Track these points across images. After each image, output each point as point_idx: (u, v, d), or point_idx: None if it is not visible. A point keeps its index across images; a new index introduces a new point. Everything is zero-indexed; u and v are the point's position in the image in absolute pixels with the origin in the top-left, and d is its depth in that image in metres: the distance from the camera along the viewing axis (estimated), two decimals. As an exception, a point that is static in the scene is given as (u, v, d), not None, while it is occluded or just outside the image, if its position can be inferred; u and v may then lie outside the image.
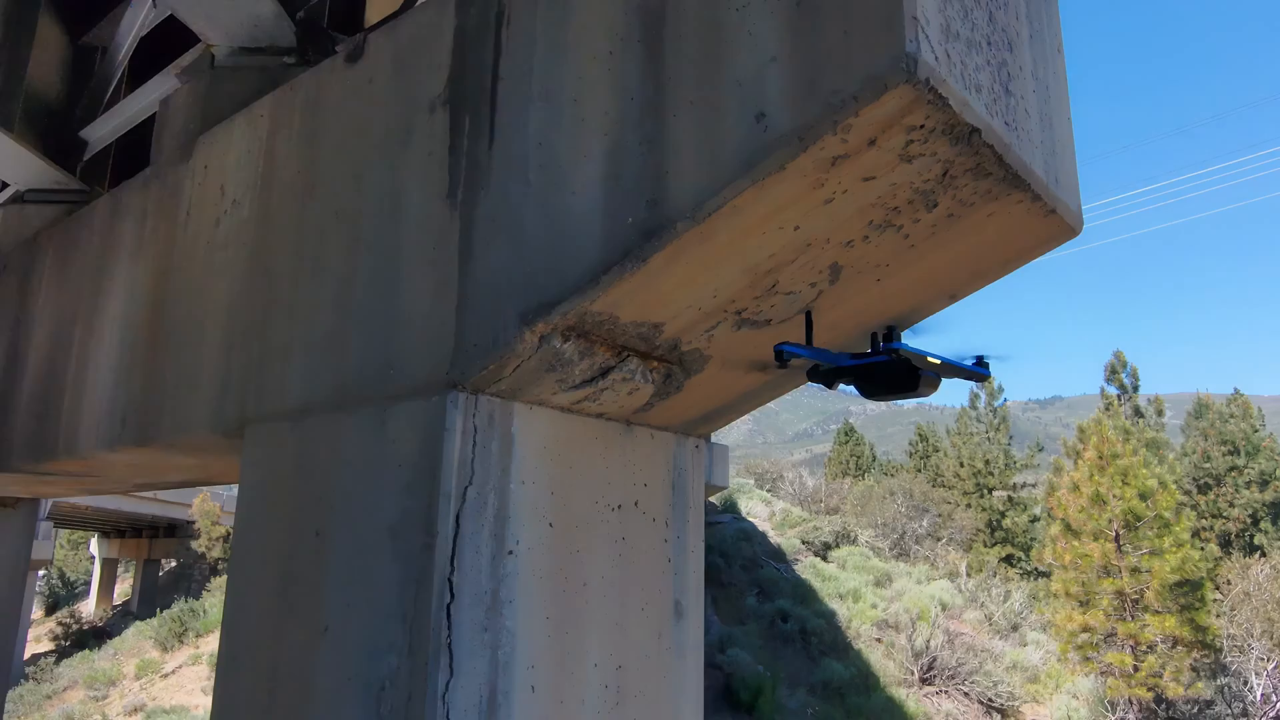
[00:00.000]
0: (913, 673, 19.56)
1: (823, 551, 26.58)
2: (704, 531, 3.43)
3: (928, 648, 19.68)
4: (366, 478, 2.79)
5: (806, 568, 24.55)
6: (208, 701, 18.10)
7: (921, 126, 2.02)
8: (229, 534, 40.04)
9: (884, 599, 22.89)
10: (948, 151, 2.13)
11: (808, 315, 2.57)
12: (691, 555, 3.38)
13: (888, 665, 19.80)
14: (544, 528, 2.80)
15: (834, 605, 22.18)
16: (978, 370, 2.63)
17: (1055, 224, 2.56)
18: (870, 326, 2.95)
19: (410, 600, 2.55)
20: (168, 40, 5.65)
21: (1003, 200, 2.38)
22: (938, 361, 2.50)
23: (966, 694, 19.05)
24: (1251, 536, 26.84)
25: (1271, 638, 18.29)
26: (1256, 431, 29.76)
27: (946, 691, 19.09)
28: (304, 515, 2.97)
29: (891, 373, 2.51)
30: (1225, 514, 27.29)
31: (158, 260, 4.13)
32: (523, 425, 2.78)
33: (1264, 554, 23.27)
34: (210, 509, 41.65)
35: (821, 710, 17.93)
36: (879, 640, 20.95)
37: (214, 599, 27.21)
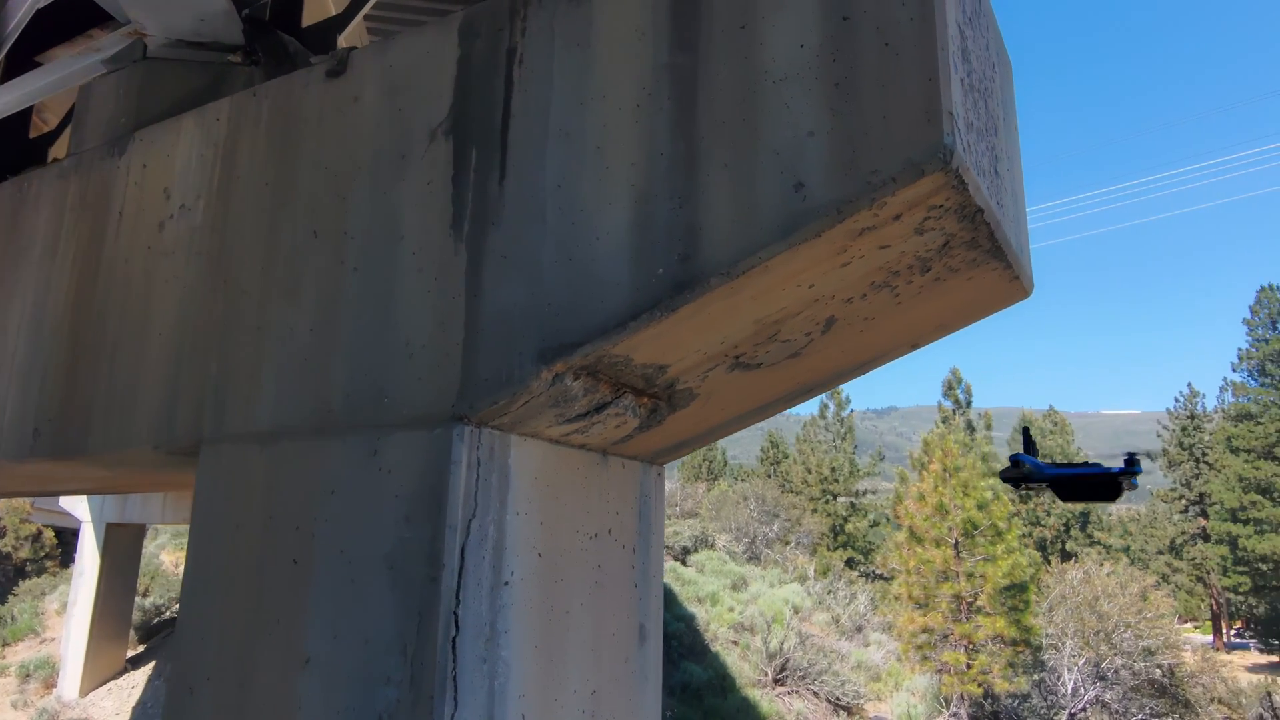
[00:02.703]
0: (766, 674, 20.36)
1: (682, 555, 27.23)
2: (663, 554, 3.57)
3: (781, 649, 20.54)
4: (356, 507, 2.76)
5: (666, 571, 25.09)
6: (18, 717, 16.64)
7: (941, 206, 2.24)
8: (39, 532, 36.78)
9: (741, 602, 23.71)
10: (954, 227, 2.35)
11: (1025, 432, 2.99)
12: (653, 580, 3.50)
13: (743, 667, 20.53)
14: (534, 558, 2.85)
15: (693, 609, 22.78)
16: (1130, 470, 3.05)
17: (1016, 287, 2.86)
18: (842, 369, 3.17)
19: (411, 632, 2.55)
20: (62, 16, 5.26)
21: (983, 268, 2.64)
22: (1113, 471, 2.92)
23: (816, 693, 20.02)
24: (1064, 543, 29.46)
25: (1082, 636, 20.20)
26: (1071, 446, 32.72)
27: (798, 691, 20.00)
28: (278, 542, 2.89)
29: (1096, 484, 2.88)
30: (1042, 522, 29.87)
31: (81, 260, 3.87)
32: (518, 457, 2.83)
33: (1076, 559, 25.61)
34: (19, 505, 38.12)
35: (680, 712, 18.39)
36: (735, 642, 21.68)
37: (23, 604, 25.00)
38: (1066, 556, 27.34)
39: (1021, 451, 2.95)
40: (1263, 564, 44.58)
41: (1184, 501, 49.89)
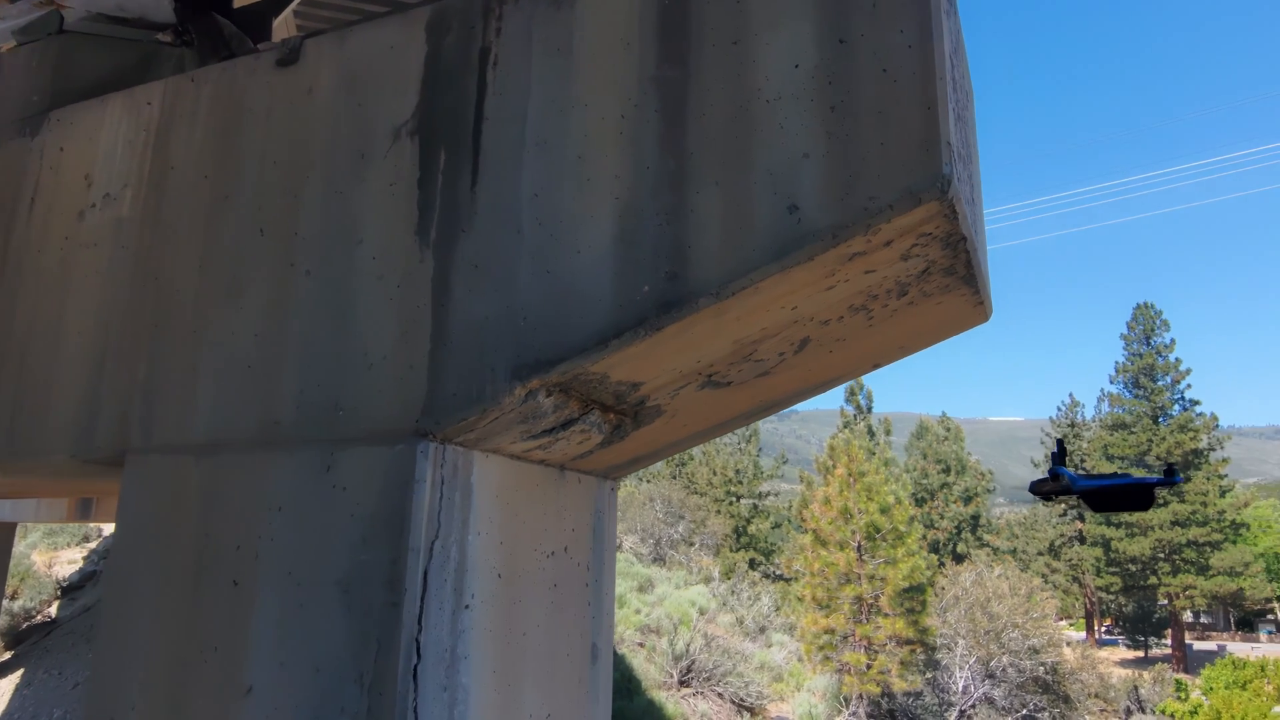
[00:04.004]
0: (672, 675, 20.49)
1: (588, 557, 27.12)
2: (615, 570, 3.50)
3: (687, 651, 20.70)
4: (306, 526, 2.60)
5: (573, 573, 24.90)
6: None
7: (930, 234, 2.24)
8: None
9: (647, 604, 23.77)
10: (937, 254, 2.37)
11: (1060, 444, 3.00)
12: (606, 597, 3.43)
13: (649, 669, 20.60)
14: (494, 579, 2.74)
15: (600, 611, 22.70)
16: (1171, 480, 3.08)
17: (979, 312, 2.90)
18: (805, 388, 3.17)
19: (368, 660, 2.41)
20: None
21: (954, 293, 2.67)
22: (1153, 481, 2.94)
23: (720, 695, 20.26)
24: (955, 545, 30.65)
25: (974, 636, 21.04)
26: (963, 451, 34.11)
27: (702, 693, 20.19)
28: (216, 562, 2.70)
29: (1129, 494, 2.89)
30: (937, 525, 31.02)
31: (-16, 248, 3.54)
32: (480, 474, 2.71)
33: (968, 560, 26.68)
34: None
35: (586, 715, 18.29)
36: (641, 645, 21.73)
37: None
38: (959, 559, 28.48)
39: (1054, 464, 3.00)
40: (1132, 565, 47.44)
41: (1063, 505, 52.61)
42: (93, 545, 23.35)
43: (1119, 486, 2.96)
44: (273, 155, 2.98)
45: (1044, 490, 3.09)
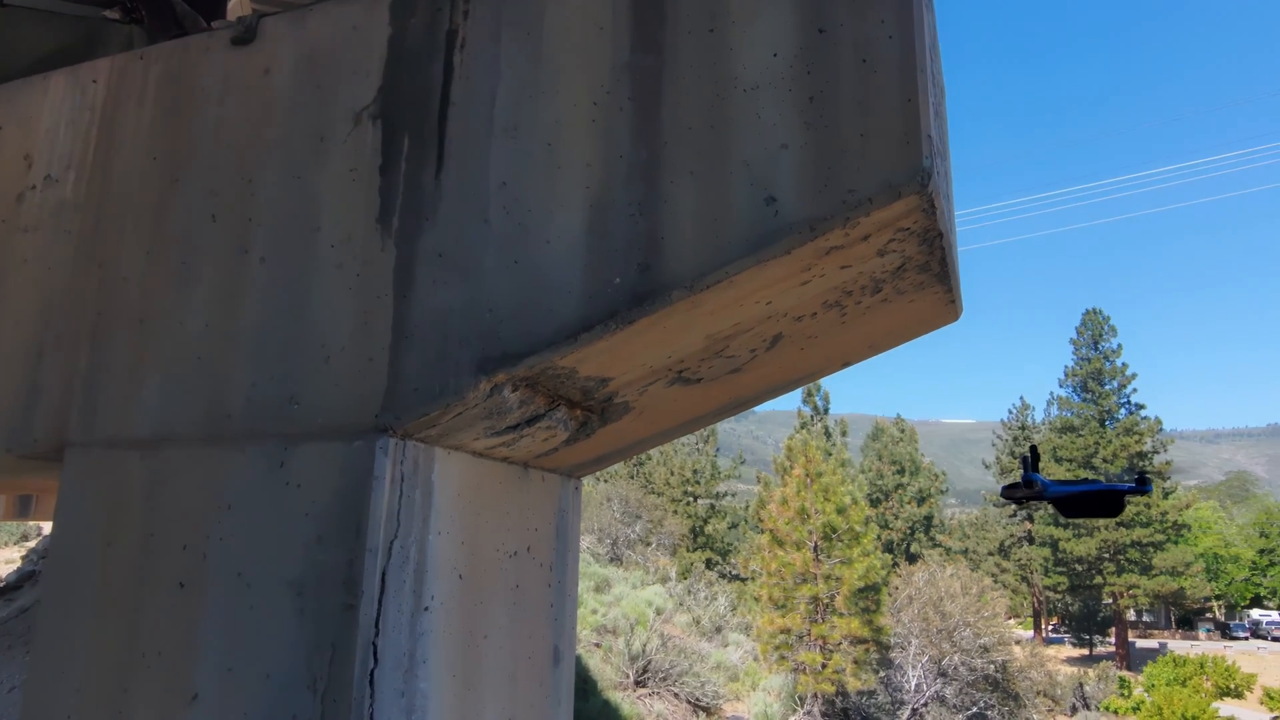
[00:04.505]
0: (628, 676, 20.41)
1: (545, 557, 26.95)
2: (579, 572, 3.42)
3: (644, 651, 20.64)
4: (258, 525, 2.48)
5: (530, 573, 24.72)
6: None
7: (908, 229, 2.20)
8: None
9: (604, 604, 23.66)
10: (914, 250, 2.33)
11: (1033, 450, 3.05)
12: (568, 599, 3.35)
13: (605, 669, 20.50)
14: (455, 580, 2.65)
15: (556, 611, 22.56)
16: (1143, 489, 3.10)
17: (951, 310, 2.88)
18: (774, 385, 3.12)
19: (323, 666, 2.31)
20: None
21: (927, 291, 2.64)
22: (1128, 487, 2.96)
23: (676, 695, 20.23)
24: (909, 545, 31.04)
25: (927, 635, 21.30)
26: (917, 452, 34.56)
27: (659, 693, 20.14)
28: (161, 563, 2.57)
29: (1101, 500, 2.92)
30: (892, 525, 31.38)
31: (-85, 231, 3.35)
32: (442, 471, 2.62)
33: (923, 560, 27.02)
34: None
35: (542, 716, 18.16)
36: (598, 645, 21.63)
37: None
38: (912, 559, 28.85)
39: (1028, 471, 3.01)
40: (1079, 565, 48.51)
41: (1013, 507, 53.60)
42: (31, 544, 22.62)
43: (1091, 493, 2.97)
44: (226, 138, 2.85)
45: (1016, 495, 3.09)
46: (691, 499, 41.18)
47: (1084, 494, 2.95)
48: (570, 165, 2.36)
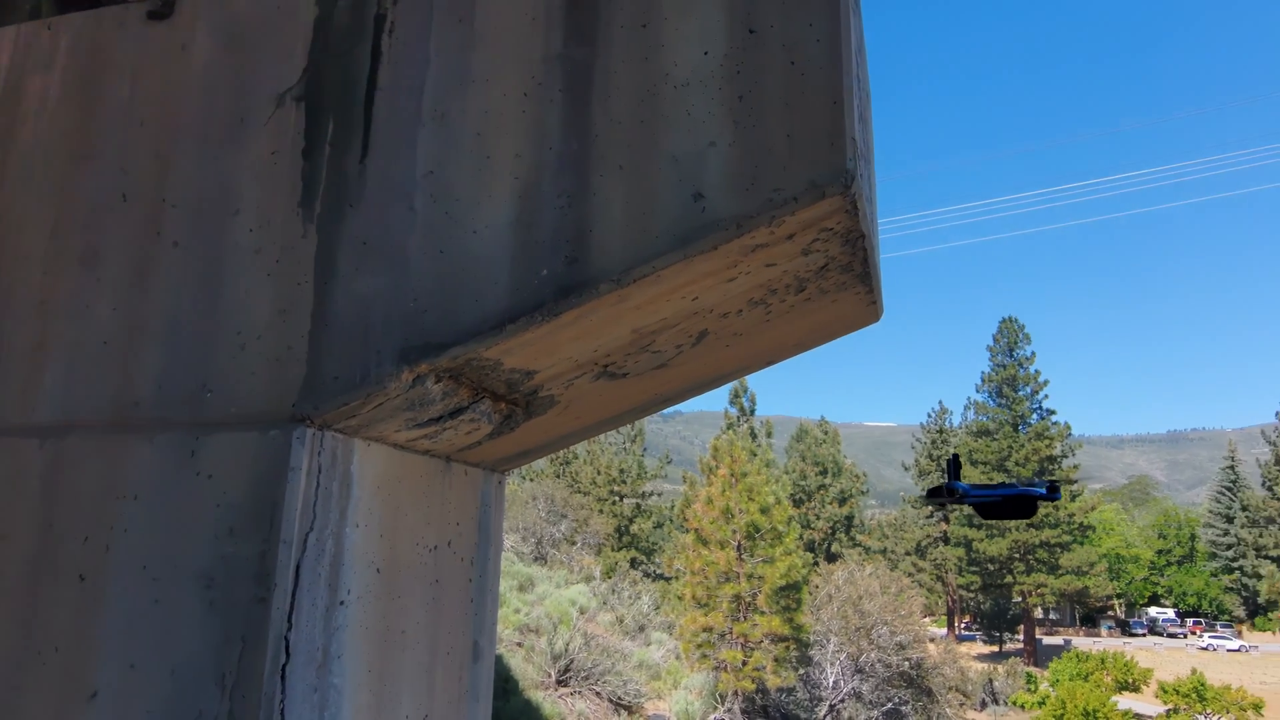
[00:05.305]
0: (550, 675, 20.35)
1: (469, 555, 26.67)
2: (500, 566, 3.39)
3: (566, 650, 20.61)
4: (165, 516, 2.39)
5: (453, 572, 24.43)
6: None
7: (831, 229, 2.25)
8: None
9: (527, 603, 23.54)
10: (837, 250, 2.38)
11: (954, 458, 3.19)
12: (490, 594, 3.32)
13: (527, 669, 20.39)
14: (372, 574, 2.60)
15: (479, 610, 22.35)
16: (1053, 496, 3.26)
17: (872, 311, 2.95)
18: (700, 381, 3.15)
19: (232, 660, 2.24)
20: None
21: (849, 291, 2.70)
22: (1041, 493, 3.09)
23: (599, 693, 20.26)
24: (830, 545, 31.66)
25: (845, 633, 21.76)
26: (840, 454, 35.28)
27: (581, 692, 20.14)
28: (60, 554, 2.46)
29: (1016, 504, 3.06)
30: (814, 525, 31.96)
31: None
32: (361, 463, 2.57)
33: (843, 560, 27.59)
34: None
35: (462, 716, 17.96)
36: (520, 644, 21.50)
37: None
38: (832, 558, 29.46)
39: (948, 478, 3.14)
40: (991, 564, 50.21)
41: (931, 509, 55.17)
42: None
43: (1006, 497, 3.10)
44: (140, 115, 2.75)
45: (939, 499, 3.21)
46: (618, 498, 41.25)
47: (1000, 499, 3.09)
48: (499, 155, 2.34)
